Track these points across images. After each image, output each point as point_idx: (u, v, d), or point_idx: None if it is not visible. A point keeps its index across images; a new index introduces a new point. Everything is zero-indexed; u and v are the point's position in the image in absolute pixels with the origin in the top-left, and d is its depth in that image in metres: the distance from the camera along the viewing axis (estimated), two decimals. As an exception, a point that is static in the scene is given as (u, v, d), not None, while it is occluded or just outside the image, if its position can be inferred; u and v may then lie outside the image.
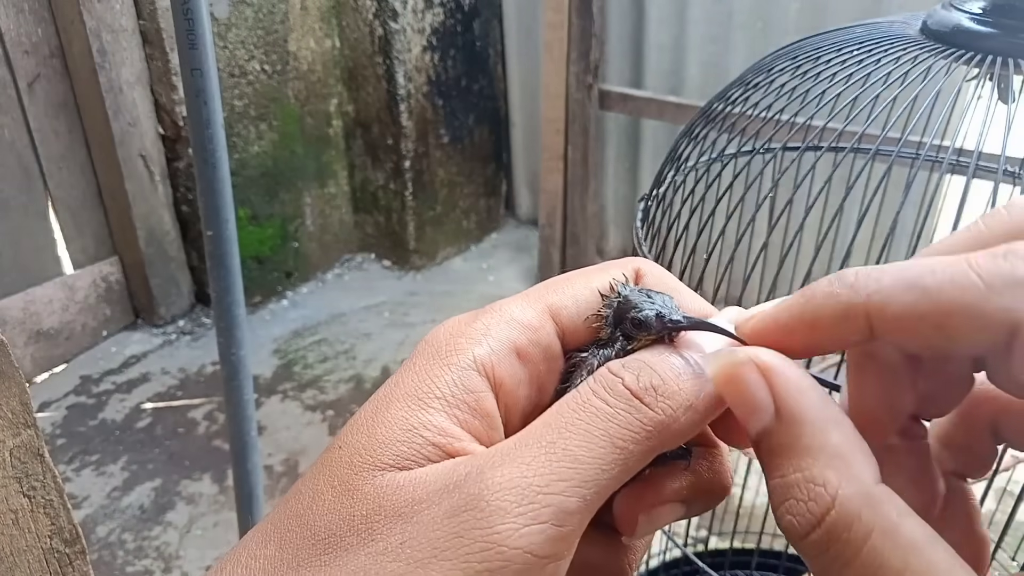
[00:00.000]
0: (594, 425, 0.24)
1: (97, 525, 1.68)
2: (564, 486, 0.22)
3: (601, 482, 0.23)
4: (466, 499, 0.22)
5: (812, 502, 0.21)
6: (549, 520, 0.22)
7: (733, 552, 1.21)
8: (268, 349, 2.26)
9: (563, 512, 0.22)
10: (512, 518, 0.22)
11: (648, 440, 0.24)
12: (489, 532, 0.22)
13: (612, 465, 0.23)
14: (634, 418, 0.24)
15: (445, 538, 0.22)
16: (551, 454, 0.23)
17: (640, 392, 0.24)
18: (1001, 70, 0.65)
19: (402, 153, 2.48)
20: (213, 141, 0.94)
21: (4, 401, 0.44)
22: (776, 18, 2.11)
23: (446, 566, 0.22)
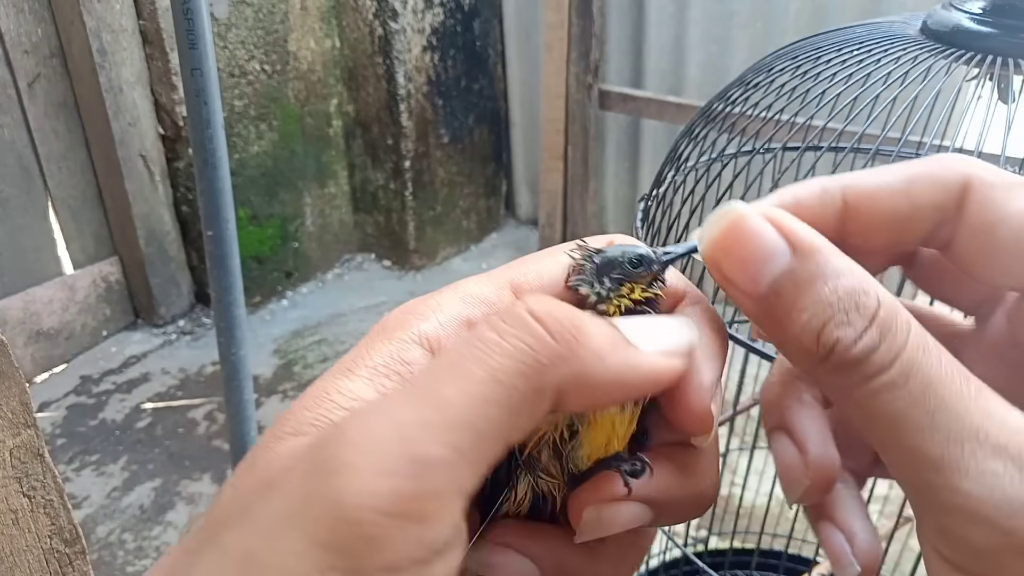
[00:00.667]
0: (474, 359, 0.20)
1: (97, 525, 1.68)
2: (426, 433, 0.19)
3: (478, 427, 0.19)
4: (318, 458, 0.19)
5: (861, 308, 0.21)
6: (402, 472, 0.18)
7: (733, 552, 1.21)
8: (268, 349, 2.26)
9: (422, 463, 0.19)
10: (357, 474, 0.19)
11: (540, 375, 0.20)
12: (334, 492, 0.18)
13: (492, 406, 0.20)
14: (524, 344, 0.20)
15: (296, 504, 0.19)
16: (418, 399, 0.20)
17: (542, 315, 0.21)
18: (1001, 70, 0.65)
19: (402, 153, 2.48)
20: (213, 141, 0.94)
21: (4, 401, 0.44)
22: (776, 18, 2.11)
23: (294, 536, 0.19)
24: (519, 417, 0.20)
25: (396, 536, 0.18)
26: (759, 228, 0.22)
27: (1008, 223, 0.24)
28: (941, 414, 0.20)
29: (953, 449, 0.20)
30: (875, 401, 0.21)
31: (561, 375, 0.21)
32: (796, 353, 0.22)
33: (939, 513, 0.21)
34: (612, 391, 0.22)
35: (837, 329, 0.21)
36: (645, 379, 0.22)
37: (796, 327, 0.22)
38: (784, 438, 0.26)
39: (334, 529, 0.18)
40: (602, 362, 0.21)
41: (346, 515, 0.18)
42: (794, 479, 0.26)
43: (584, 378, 0.21)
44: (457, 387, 0.20)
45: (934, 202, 0.25)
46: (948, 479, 0.20)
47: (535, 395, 0.20)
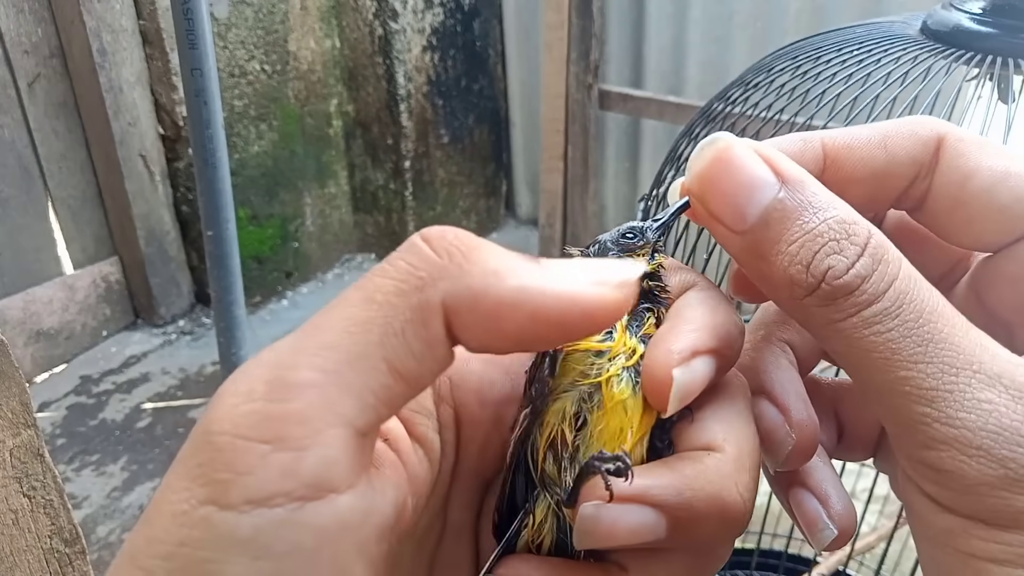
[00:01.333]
0: (355, 287, 0.19)
1: (97, 525, 1.68)
2: (293, 359, 0.18)
3: (350, 347, 0.18)
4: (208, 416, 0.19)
5: (852, 236, 0.21)
6: (263, 396, 0.18)
7: (733, 552, 1.21)
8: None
9: (283, 384, 0.18)
10: (225, 401, 0.18)
11: (420, 291, 0.19)
12: (204, 421, 0.18)
13: (365, 325, 0.18)
14: (405, 263, 0.19)
15: (184, 448, 0.19)
16: (299, 331, 0.19)
17: (432, 236, 0.20)
18: (1001, 70, 0.65)
19: (402, 153, 2.48)
20: (213, 141, 0.94)
21: (4, 401, 0.44)
22: (776, 18, 2.11)
23: (175, 471, 0.18)
24: (404, 340, 0.19)
25: (258, 463, 0.17)
26: (747, 158, 0.22)
27: (979, 177, 0.24)
28: (934, 345, 0.20)
29: (947, 379, 0.20)
30: (867, 331, 0.20)
31: (444, 289, 0.19)
32: (782, 287, 0.22)
33: (930, 447, 0.20)
34: (515, 316, 0.19)
35: (828, 258, 0.21)
36: (563, 303, 0.20)
37: (784, 258, 0.21)
38: (764, 401, 0.25)
39: (201, 457, 0.18)
40: (499, 280, 0.19)
41: (209, 441, 0.18)
42: (778, 440, 0.25)
43: (474, 294, 0.19)
44: (331, 313, 0.19)
45: (910, 155, 0.25)
46: (942, 410, 0.20)
47: (416, 313, 0.19)
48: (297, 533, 0.17)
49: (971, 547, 0.20)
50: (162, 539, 0.18)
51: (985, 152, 0.25)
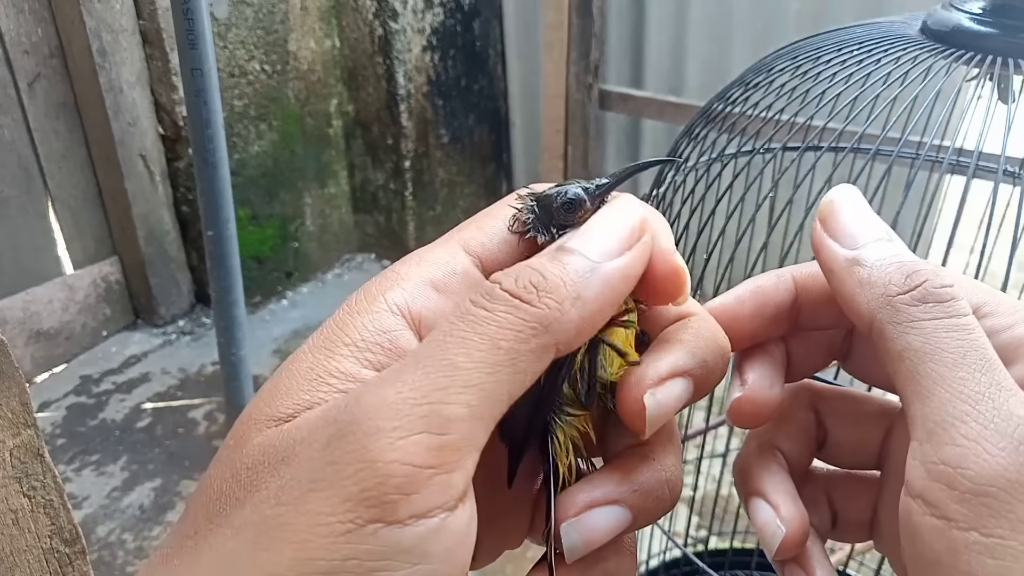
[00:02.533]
0: (473, 331, 0.23)
1: (97, 525, 1.68)
2: (442, 394, 0.21)
3: (486, 386, 0.22)
4: (341, 427, 0.21)
5: (943, 275, 0.26)
6: (425, 430, 0.21)
7: (733, 552, 1.21)
8: (268, 349, 2.26)
9: (441, 419, 0.21)
10: (386, 434, 0.21)
11: (536, 337, 0.23)
12: (363, 452, 0.21)
13: (497, 367, 0.22)
14: (516, 317, 0.23)
15: (320, 469, 0.21)
16: (428, 367, 0.22)
17: (519, 291, 0.24)
18: (1001, 70, 0.65)
19: (402, 153, 2.48)
20: (213, 141, 0.94)
21: (4, 401, 0.44)
22: (776, 18, 2.11)
23: (322, 496, 0.20)
24: (524, 376, 0.23)
25: (424, 485, 0.21)
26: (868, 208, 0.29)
27: None
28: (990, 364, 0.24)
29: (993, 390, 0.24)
30: (946, 334, 0.25)
31: (555, 332, 0.23)
32: (879, 284, 0.27)
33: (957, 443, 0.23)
34: (602, 317, 0.25)
35: (925, 272, 0.26)
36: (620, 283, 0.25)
37: (886, 266, 0.27)
38: (759, 500, 0.31)
39: (366, 483, 0.20)
40: (582, 302, 0.24)
41: (377, 469, 0.20)
42: (771, 533, 0.30)
43: (576, 326, 0.24)
44: (464, 355, 0.22)
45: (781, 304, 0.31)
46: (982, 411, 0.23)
47: (538, 354, 0.23)
48: (447, 537, 0.21)
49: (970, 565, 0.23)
50: (323, 557, 0.20)
51: None
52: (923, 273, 0.26)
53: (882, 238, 0.28)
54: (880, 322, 0.26)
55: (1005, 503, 0.22)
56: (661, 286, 0.27)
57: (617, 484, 0.27)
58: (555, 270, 0.24)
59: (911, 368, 0.25)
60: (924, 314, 0.25)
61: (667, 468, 0.27)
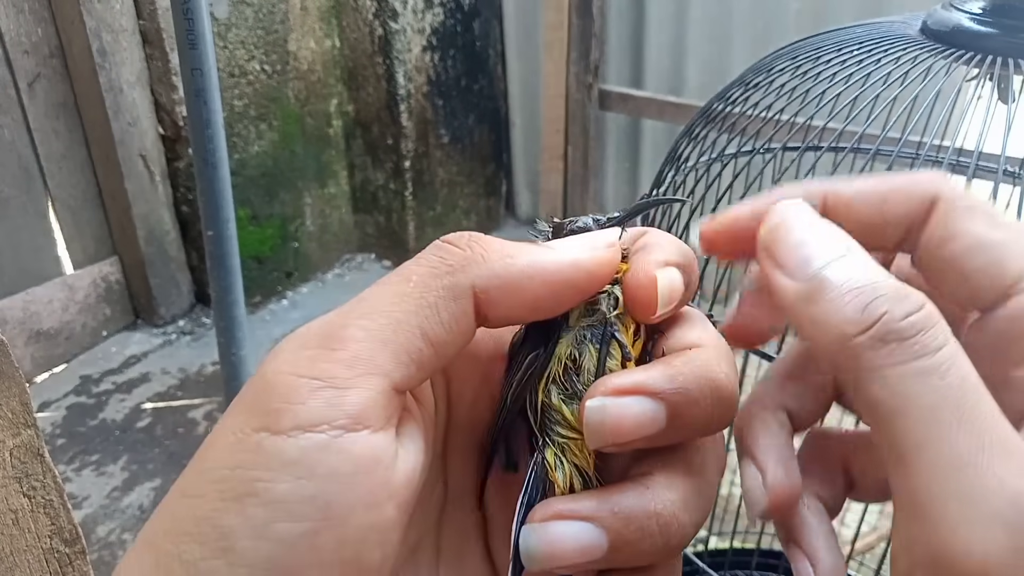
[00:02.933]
0: (392, 274, 0.24)
1: (97, 525, 1.68)
2: (343, 319, 0.22)
3: (390, 313, 0.22)
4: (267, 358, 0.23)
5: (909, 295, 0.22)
6: (317, 346, 0.22)
7: (733, 552, 1.21)
8: (268, 349, 2.23)
9: (334, 337, 0.22)
10: (283, 351, 0.22)
11: (449, 274, 0.23)
12: (263, 367, 0.22)
13: (404, 297, 0.23)
14: (436, 256, 0.24)
15: (241, 392, 0.23)
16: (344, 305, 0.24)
17: (455, 239, 0.24)
18: (1001, 70, 0.65)
19: (402, 153, 2.48)
20: (213, 141, 0.94)
21: (4, 401, 0.44)
22: (776, 18, 2.11)
23: (232, 411, 0.22)
24: (436, 311, 0.23)
25: (308, 395, 0.21)
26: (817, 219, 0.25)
27: (953, 243, 0.25)
28: (970, 413, 0.20)
29: (979, 455, 0.20)
30: (913, 383, 0.21)
31: (473, 274, 0.23)
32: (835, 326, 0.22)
33: (939, 527, 0.20)
34: (534, 285, 0.24)
35: (886, 303, 0.21)
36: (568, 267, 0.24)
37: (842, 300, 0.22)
38: (748, 462, 0.28)
39: (257, 394, 0.21)
40: (514, 260, 0.24)
41: (268, 379, 0.21)
42: (754, 499, 0.27)
43: (498, 275, 0.23)
44: (374, 290, 0.23)
45: (904, 214, 0.26)
46: (966, 487, 0.20)
47: (448, 291, 0.23)
48: (336, 458, 0.20)
49: None
50: (215, 466, 0.21)
51: (968, 218, 0.25)
52: (881, 303, 0.21)
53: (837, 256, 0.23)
54: (842, 371, 0.22)
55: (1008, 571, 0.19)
56: (633, 293, 0.25)
57: (598, 501, 0.24)
58: (499, 239, 0.25)
59: (882, 427, 0.21)
60: (887, 359, 0.21)
61: (660, 501, 0.24)
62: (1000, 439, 0.20)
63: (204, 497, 0.20)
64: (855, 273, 0.22)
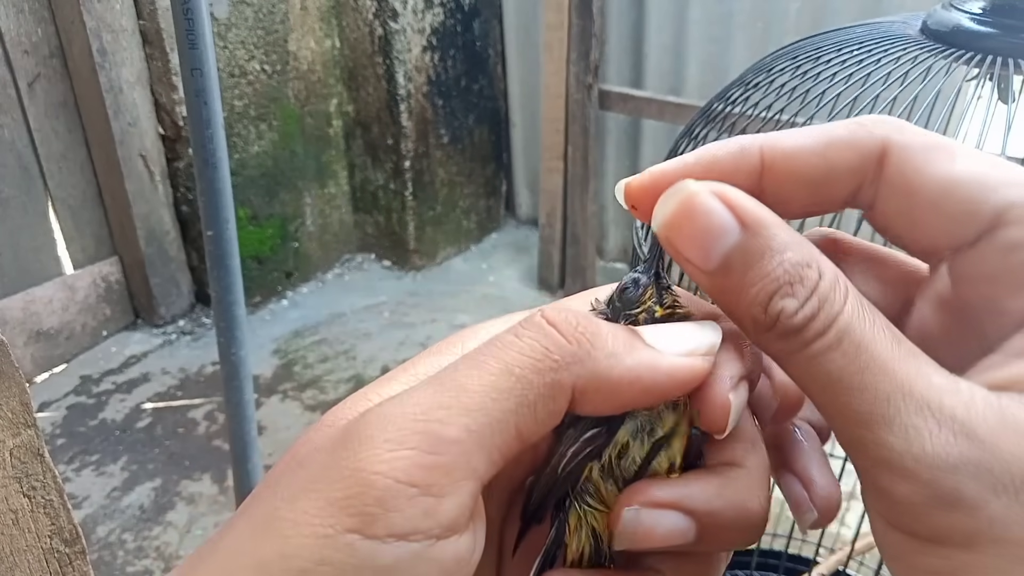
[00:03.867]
0: (491, 354, 0.22)
1: (97, 525, 1.68)
2: (443, 413, 0.21)
3: (491, 412, 0.21)
4: (345, 434, 0.21)
5: (804, 280, 0.22)
6: (417, 446, 0.20)
7: (733, 552, 1.21)
8: (268, 349, 2.26)
9: (436, 438, 0.21)
10: (377, 444, 0.21)
11: (553, 371, 0.22)
12: (354, 460, 0.21)
13: (505, 394, 0.22)
14: (539, 344, 0.22)
15: (319, 471, 0.21)
16: (437, 386, 0.22)
17: (557, 321, 0.23)
18: (1001, 70, 0.65)
19: (402, 153, 2.48)
20: (213, 141, 0.94)
21: (4, 401, 0.44)
22: (776, 18, 2.11)
23: (312, 497, 0.20)
24: (534, 411, 0.22)
25: (406, 503, 0.20)
26: (709, 205, 0.23)
27: (926, 189, 0.25)
28: (870, 373, 0.22)
29: (879, 405, 0.21)
30: (813, 364, 0.22)
31: (576, 373, 0.22)
32: (747, 323, 0.23)
33: (870, 469, 0.22)
34: (631, 390, 0.23)
35: (782, 300, 0.22)
36: (666, 377, 0.24)
37: (746, 299, 0.23)
38: (790, 476, 0.28)
39: (349, 491, 0.20)
40: (618, 361, 0.23)
41: (362, 479, 0.20)
42: (804, 512, 0.28)
43: (600, 377, 0.23)
44: (474, 377, 0.22)
45: (851, 166, 0.25)
46: (875, 434, 0.21)
47: (549, 390, 0.22)
48: (426, 566, 0.20)
49: (915, 562, 0.22)
50: (299, 556, 0.20)
51: (930, 160, 0.25)
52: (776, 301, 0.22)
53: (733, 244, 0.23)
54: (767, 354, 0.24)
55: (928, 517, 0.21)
56: (707, 412, 0.25)
57: None
58: (606, 326, 0.24)
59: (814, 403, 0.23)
60: (791, 347, 0.22)
61: None
62: (901, 387, 0.21)
63: None
64: (751, 260, 0.22)
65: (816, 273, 0.22)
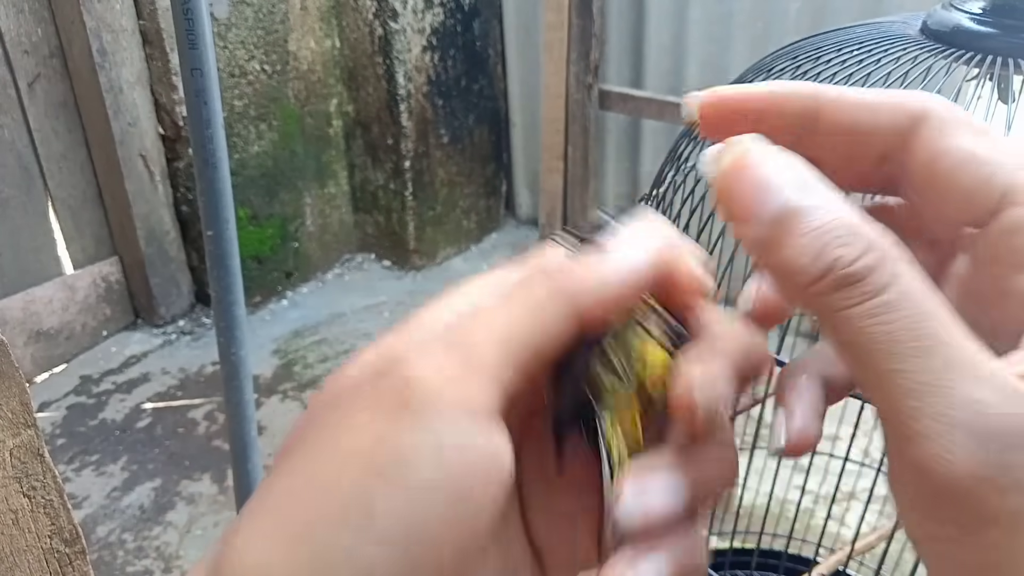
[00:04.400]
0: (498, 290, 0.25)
1: (97, 525, 1.68)
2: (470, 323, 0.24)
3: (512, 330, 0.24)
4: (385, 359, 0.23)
5: (859, 233, 0.22)
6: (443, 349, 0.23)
7: (733, 552, 1.21)
8: (268, 349, 2.26)
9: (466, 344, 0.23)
10: (416, 353, 0.23)
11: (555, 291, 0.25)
12: (395, 366, 0.22)
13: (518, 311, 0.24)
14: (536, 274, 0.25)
15: (362, 391, 0.23)
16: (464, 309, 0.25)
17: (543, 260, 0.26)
18: (1001, 70, 0.65)
19: (402, 153, 2.48)
20: (213, 141, 0.94)
21: (4, 401, 0.44)
22: (776, 18, 2.11)
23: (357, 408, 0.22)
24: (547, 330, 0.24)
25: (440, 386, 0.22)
26: (766, 158, 0.23)
27: (946, 157, 0.25)
28: (932, 340, 0.21)
29: (941, 375, 0.20)
30: (870, 321, 0.21)
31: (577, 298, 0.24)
32: (792, 274, 0.22)
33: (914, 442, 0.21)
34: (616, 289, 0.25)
35: (837, 249, 0.22)
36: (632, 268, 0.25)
37: (795, 249, 0.22)
38: (781, 409, 0.28)
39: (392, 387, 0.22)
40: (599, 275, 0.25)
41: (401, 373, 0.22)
42: (775, 436, 0.27)
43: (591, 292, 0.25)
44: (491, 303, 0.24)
45: (893, 122, 0.26)
46: (932, 405, 0.20)
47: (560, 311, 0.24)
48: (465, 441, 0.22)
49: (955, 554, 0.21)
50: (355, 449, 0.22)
51: (960, 132, 0.25)
52: (831, 249, 0.22)
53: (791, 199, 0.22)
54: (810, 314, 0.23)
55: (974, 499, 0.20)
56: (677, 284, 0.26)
57: None
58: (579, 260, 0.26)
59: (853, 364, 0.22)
60: (843, 303, 0.21)
61: None
62: (961, 359, 0.21)
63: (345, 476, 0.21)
64: (804, 213, 0.22)
65: (870, 231, 0.22)
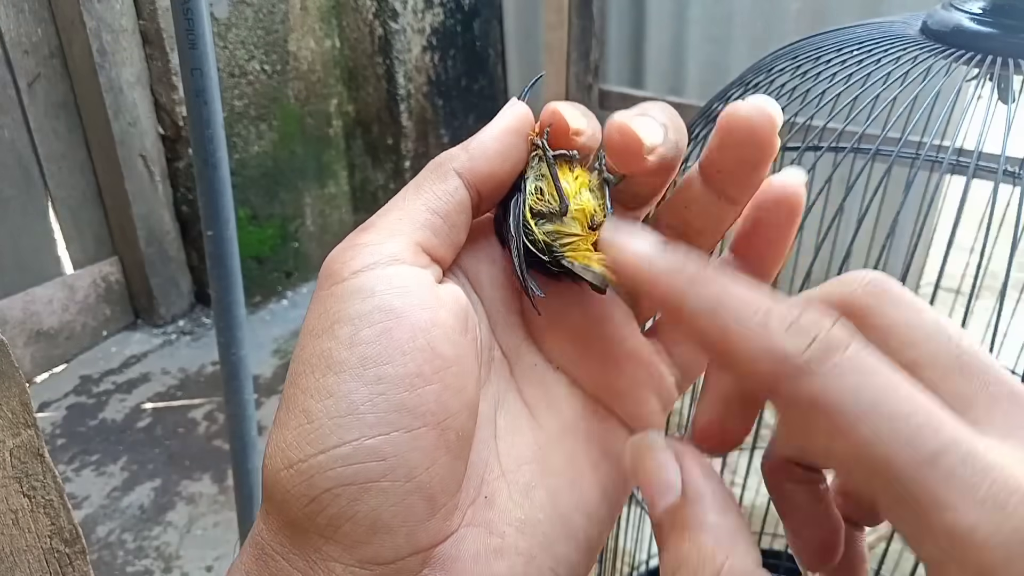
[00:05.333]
0: None
1: (97, 525, 1.68)
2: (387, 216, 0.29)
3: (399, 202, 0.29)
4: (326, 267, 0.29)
5: (703, 571, 0.22)
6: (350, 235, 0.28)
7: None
8: (268, 349, 2.26)
9: (360, 229, 0.28)
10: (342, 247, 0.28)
11: (441, 165, 0.31)
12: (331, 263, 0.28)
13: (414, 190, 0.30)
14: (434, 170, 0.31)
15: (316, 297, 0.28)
16: None
17: None
18: (1001, 70, 0.65)
19: (402, 153, 2.48)
20: (213, 141, 0.93)
21: (4, 401, 0.44)
22: (776, 18, 2.11)
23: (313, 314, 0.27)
24: (446, 188, 0.30)
25: (355, 251, 0.28)
26: (661, 460, 0.25)
27: None
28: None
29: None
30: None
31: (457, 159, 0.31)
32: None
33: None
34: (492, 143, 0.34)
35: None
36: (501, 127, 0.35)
37: (665, 552, 0.24)
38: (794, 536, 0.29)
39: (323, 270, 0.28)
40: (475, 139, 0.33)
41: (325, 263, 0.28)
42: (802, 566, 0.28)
43: (472, 150, 0.33)
44: None
45: None
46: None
47: (448, 172, 0.30)
48: (390, 278, 0.27)
49: None
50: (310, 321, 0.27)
51: None
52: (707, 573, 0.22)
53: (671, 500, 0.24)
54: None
55: None
56: (612, 142, 0.29)
57: None
58: None
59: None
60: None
61: None
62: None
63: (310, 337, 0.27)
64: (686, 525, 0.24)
65: (718, 565, 0.22)
